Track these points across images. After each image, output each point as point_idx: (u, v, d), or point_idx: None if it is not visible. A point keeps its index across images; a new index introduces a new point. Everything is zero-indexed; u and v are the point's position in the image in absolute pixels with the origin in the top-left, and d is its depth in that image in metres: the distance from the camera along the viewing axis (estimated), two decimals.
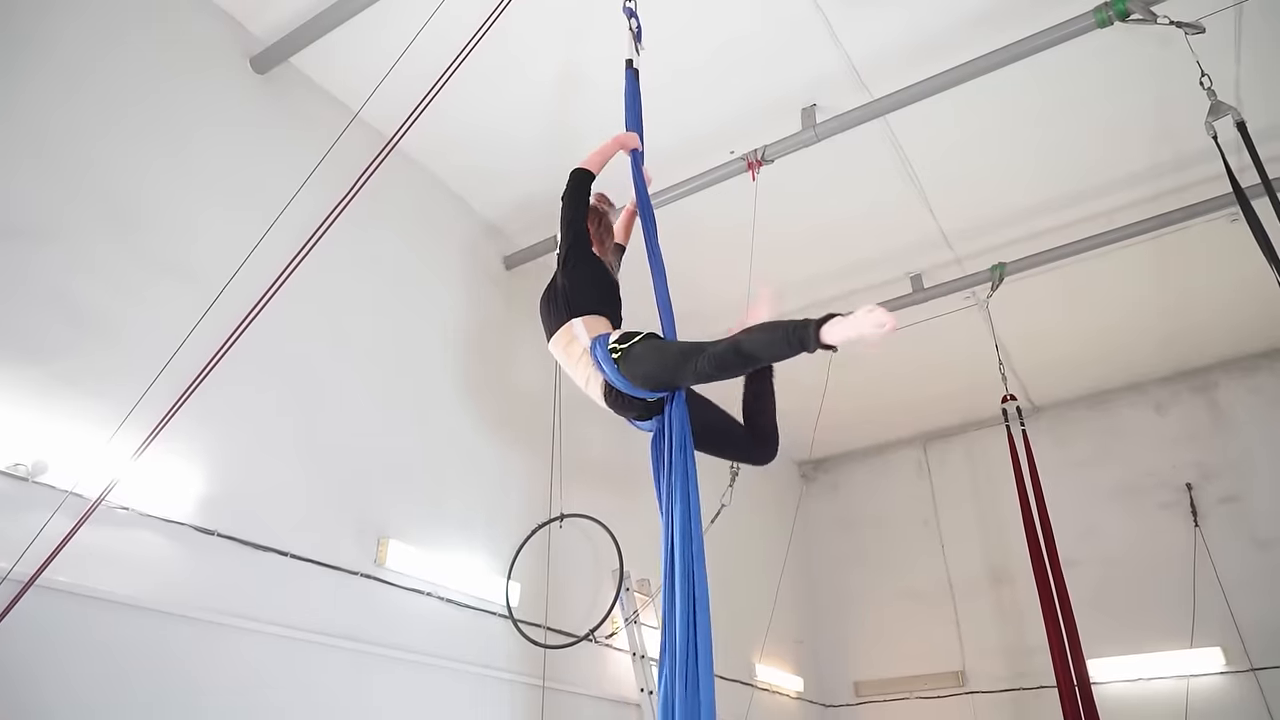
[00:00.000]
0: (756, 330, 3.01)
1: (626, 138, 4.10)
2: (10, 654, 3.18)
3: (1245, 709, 7.87)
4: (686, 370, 3.10)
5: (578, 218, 3.87)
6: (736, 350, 2.98)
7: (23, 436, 3.64)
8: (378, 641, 4.97)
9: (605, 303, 3.81)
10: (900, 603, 10.05)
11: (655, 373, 3.22)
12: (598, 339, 3.52)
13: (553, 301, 3.82)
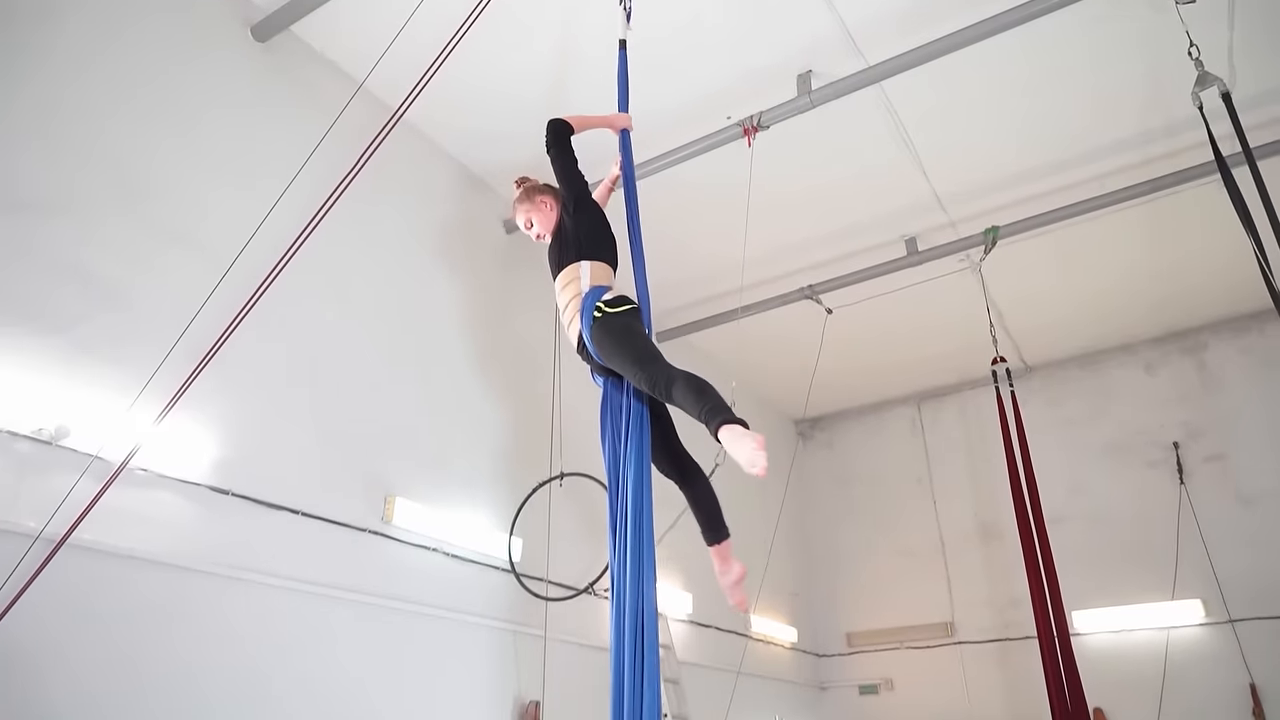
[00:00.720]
0: (693, 389, 3.00)
1: (620, 118, 4.15)
2: (44, 608, 3.38)
3: (1222, 659, 8.17)
4: (635, 369, 3.19)
5: (573, 166, 3.83)
6: (672, 388, 3.05)
7: (44, 402, 3.81)
8: (385, 594, 5.20)
9: (608, 248, 3.76)
10: (892, 557, 10.32)
11: (614, 353, 3.31)
12: (593, 289, 3.52)
13: (563, 244, 3.75)
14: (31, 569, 3.37)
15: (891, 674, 9.92)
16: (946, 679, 9.45)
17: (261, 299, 3.76)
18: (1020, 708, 8.62)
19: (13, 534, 3.54)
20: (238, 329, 3.73)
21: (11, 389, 3.71)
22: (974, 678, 9.29)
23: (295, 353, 5.07)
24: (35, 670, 3.52)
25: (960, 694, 9.30)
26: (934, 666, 9.62)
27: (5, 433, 3.65)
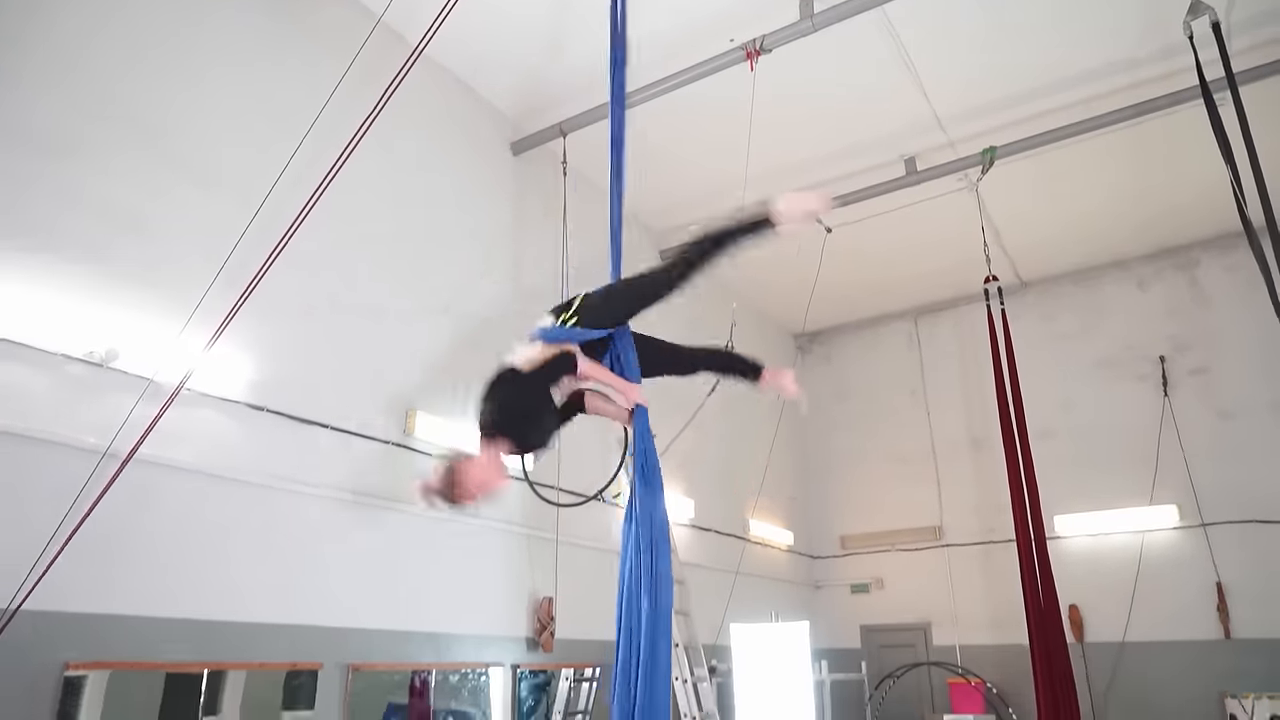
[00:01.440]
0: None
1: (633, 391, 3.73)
2: (113, 516, 3.75)
3: (1193, 559, 8.68)
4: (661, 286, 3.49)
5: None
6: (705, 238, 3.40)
7: (91, 328, 4.10)
8: (408, 501, 5.59)
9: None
10: (886, 465, 10.79)
11: (621, 307, 3.53)
12: (541, 331, 3.60)
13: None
14: (93, 481, 3.73)
15: (882, 574, 10.52)
16: (933, 578, 10.04)
17: (289, 229, 4.01)
18: (1000, 605, 9.19)
19: (73, 448, 3.89)
20: (269, 258, 4.00)
21: (61, 315, 4.00)
22: (959, 577, 9.88)
23: (321, 279, 5.34)
24: (104, 571, 3.93)
25: (945, 592, 9.91)
26: (921, 567, 10.20)
27: (60, 355, 3.96)
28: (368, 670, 5.19)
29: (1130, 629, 8.74)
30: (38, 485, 3.76)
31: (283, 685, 4.83)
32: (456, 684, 5.86)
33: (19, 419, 3.76)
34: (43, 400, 3.88)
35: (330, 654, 4.97)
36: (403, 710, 5.51)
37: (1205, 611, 8.50)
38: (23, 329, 3.84)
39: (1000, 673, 8.90)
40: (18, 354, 3.81)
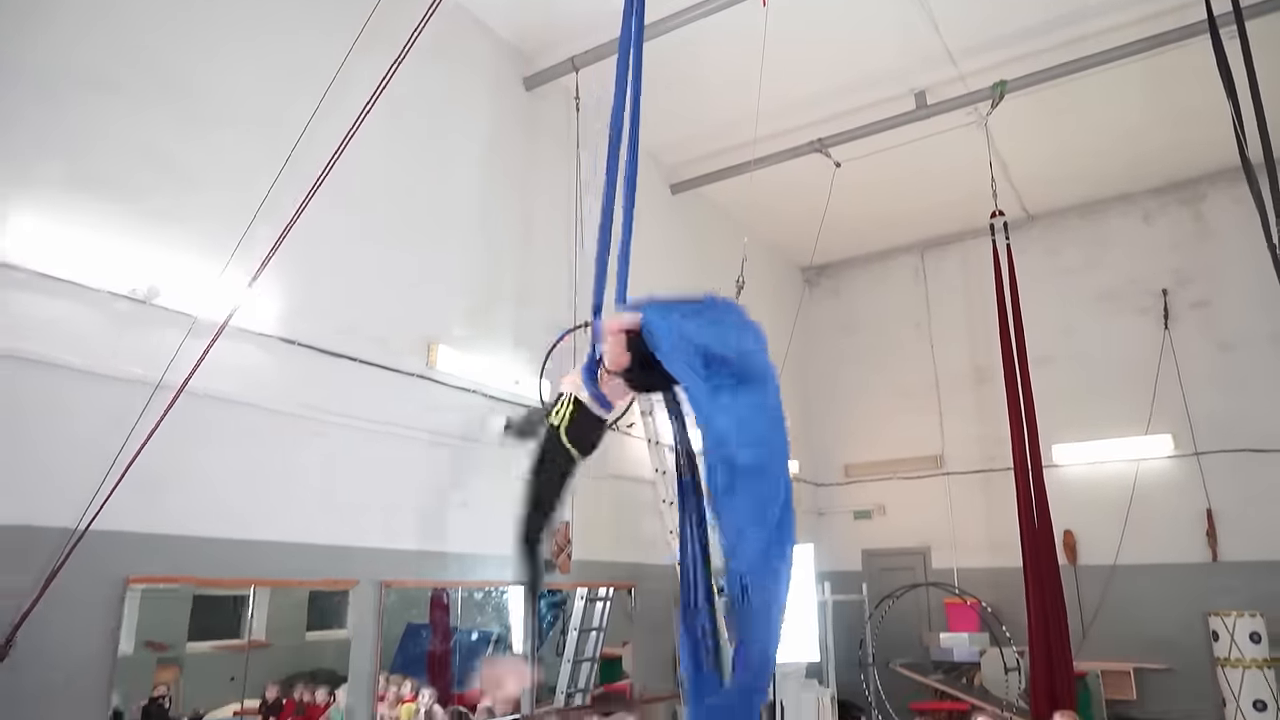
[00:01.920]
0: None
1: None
2: (163, 444, 4.00)
3: (1185, 487, 8.98)
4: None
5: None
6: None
7: (133, 266, 4.29)
8: (430, 429, 5.87)
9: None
10: (890, 397, 11.04)
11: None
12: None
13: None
14: (140, 410, 3.98)
15: (884, 501, 10.87)
16: (933, 505, 10.39)
17: (322, 172, 4.18)
18: (997, 530, 9.52)
19: (122, 381, 4.13)
20: (299, 200, 4.17)
21: (105, 254, 4.19)
22: (958, 504, 10.22)
23: (347, 220, 5.51)
24: (157, 495, 4.21)
25: (945, 519, 10.26)
26: (923, 495, 10.53)
27: (106, 293, 4.17)
28: (398, 586, 5.53)
29: (1122, 553, 9.09)
30: (93, 416, 4.01)
31: (307, 602, 5.18)
32: (481, 601, 6.22)
33: (75, 354, 4.00)
34: (93, 336, 4.11)
35: (364, 572, 5.30)
36: (420, 631, 5.86)
37: (1194, 536, 8.83)
38: (72, 268, 4.04)
39: (995, 593, 9.29)
40: (69, 292, 4.03)
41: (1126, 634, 8.94)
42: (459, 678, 6.10)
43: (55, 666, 3.76)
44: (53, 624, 3.71)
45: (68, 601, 3.77)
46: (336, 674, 5.16)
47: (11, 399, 3.79)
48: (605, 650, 7.35)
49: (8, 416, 3.76)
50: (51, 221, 4.02)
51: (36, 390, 3.87)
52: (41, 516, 3.78)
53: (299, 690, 5.02)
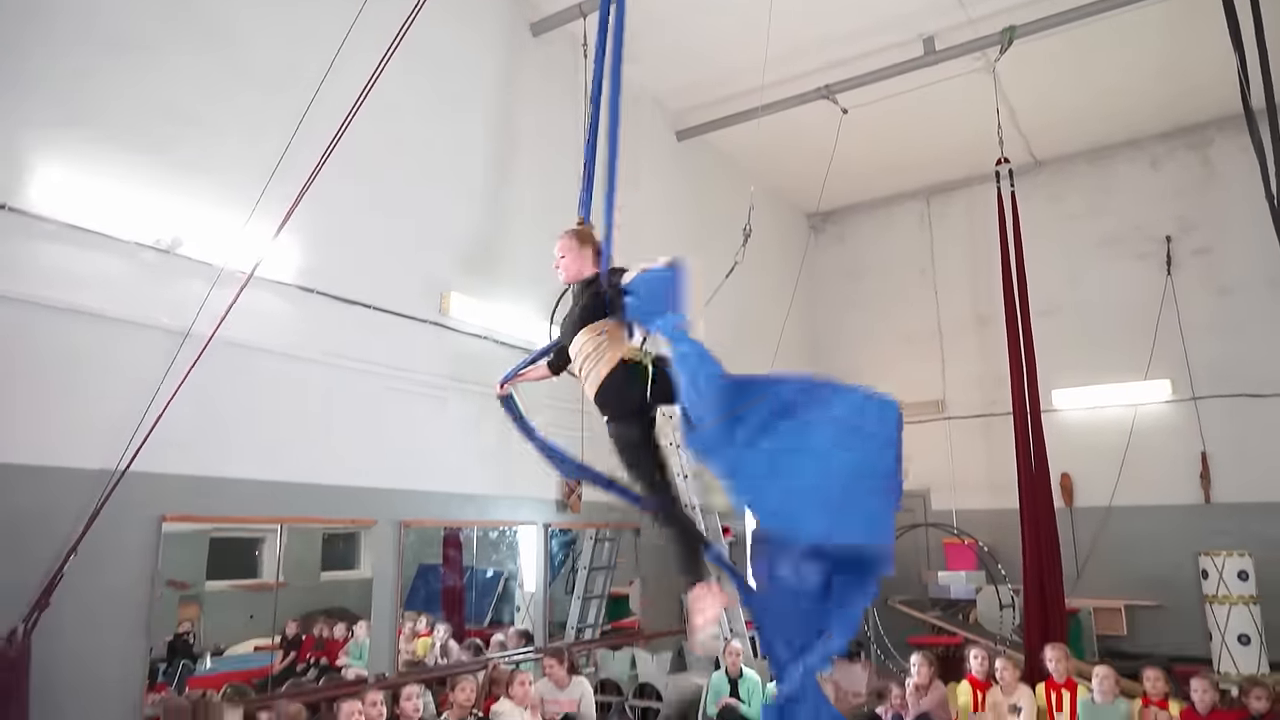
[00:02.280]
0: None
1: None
2: (192, 390, 4.17)
3: (1181, 430, 9.15)
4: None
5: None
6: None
7: (157, 217, 4.41)
8: (444, 375, 6.03)
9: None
10: (893, 343, 11.17)
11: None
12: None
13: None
14: (169, 357, 4.14)
15: None
16: (934, 449, 10.57)
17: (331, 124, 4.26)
18: (996, 472, 9.70)
19: (149, 328, 4.29)
20: (317, 151, 4.26)
21: (131, 206, 4.30)
22: (958, 448, 10.41)
23: (363, 171, 5.59)
24: (190, 438, 4.39)
25: (945, 462, 10.47)
26: (924, 438, 10.70)
27: (133, 243, 4.29)
28: (416, 525, 5.76)
29: (1117, 495, 9.31)
30: (123, 363, 4.17)
31: (321, 544, 5.40)
32: (495, 539, 6.46)
33: (105, 302, 4.14)
34: (120, 285, 4.25)
35: (382, 512, 5.51)
36: (432, 571, 6.09)
37: (1189, 478, 9.04)
38: (99, 219, 4.16)
39: (992, 534, 9.54)
40: (97, 242, 4.16)
41: (1119, 573, 9.20)
42: (473, 613, 6.37)
43: (100, 599, 3.99)
44: (96, 559, 3.93)
45: (109, 538, 3.98)
46: (350, 611, 5.40)
47: (43, 346, 3.94)
48: (613, 589, 7.63)
49: (42, 363, 3.92)
50: (79, 174, 4.13)
51: (66, 338, 4.01)
52: (80, 459, 3.96)
53: (318, 626, 5.27)
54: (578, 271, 3.23)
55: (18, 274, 3.88)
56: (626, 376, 2.94)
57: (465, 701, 5.25)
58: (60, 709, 3.78)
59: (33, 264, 3.94)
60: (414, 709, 4.96)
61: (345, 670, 5.27)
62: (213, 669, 4.62)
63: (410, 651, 5.76)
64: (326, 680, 5.13)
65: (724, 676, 6.68)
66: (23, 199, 3.91)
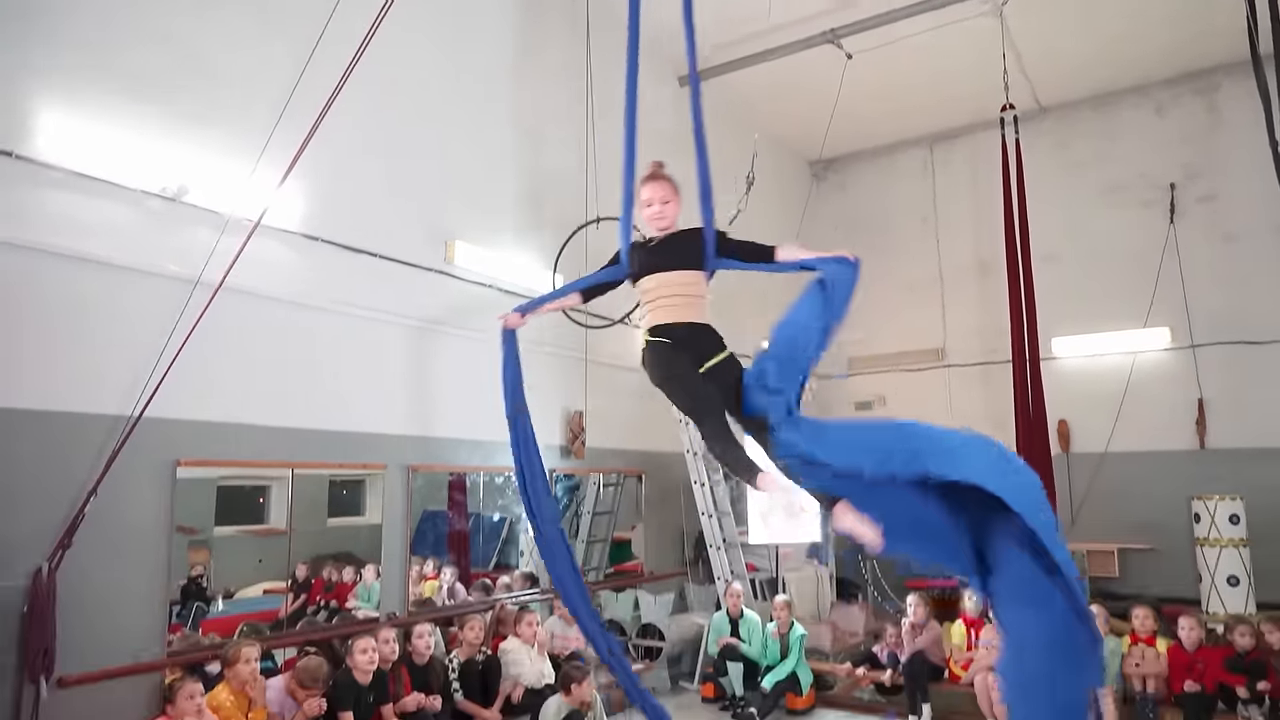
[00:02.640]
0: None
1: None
2: (201, 337, 4.23)
3: (1179, 378, 9.23)
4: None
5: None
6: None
7: (163, 165, 4.41)
8: (448, 323, 6.08)
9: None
10: (894, 291, 11.17)
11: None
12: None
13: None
14: (178, 305, 4.20)
15: (885, 392, 11.17)
16: (933, 397, 10.69)
17: (336, 72, 4.25)
18: (994, 420, 9.78)
19: (157, 276, 4.33)
20: (322, 100, 4.25)
21: (137, 154, 4.31)
22: (958, 395, 10.52)
23: (369, 119, 5.58)
24: (201, 385, 4.46)
25: (944, 409, 10.57)
26: (923, 386, 10.82)
27: (139, 191, 4.31)
28: (424, 470, 5.86)
29: (1113, 441, 9.43)
30: (133, 311, 4.23)
31: (327, 491, 5.50)
32: (500, 485, 6.58)
33: (112, 250, 4.17)
34: (128, 233, 4.27)
35: (391, 457, 5.61)
36: (436, 516, 6.21)
37: (1184, 425, 9.14)
38: (107, 166, 4.17)
39: None
40: (104, 190, 4.17)
41: (1113, 517, 9.36)
42: (479, 557, 6.52)
43: (120, 538, 4.11)
44: (115, 501, 4.03)
45: (127, 481, 4.09)
46: (357, 556, 5.52)
47: (51, 294, 3.98)
48: (616, 534, 7.79)
49: (50, 310, 3.96)
50: (85, 121, 4.13)
51: (74, 286, 4.05)
52: (95, 404, 4.04)
53: (327, 570, 5.40)
54: (674, 221, 3.26)
55: (25, 221, 3.90)
56: (712, 335, 3.08)
57: (474, 639, 5.42)
58: (89, 641, 3.91)
59: (40, 211, 3.96)
60: (425, 646, 5.14)
61: (355, 612, 5.42)
62: (225, 611, 4.75)
63: (418, 593, 5.91)
64: (338, 622, 5.28)
65: (725, 617, 6.87)
66: (29, 146, 3.92)
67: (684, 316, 3.08)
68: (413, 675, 4.99)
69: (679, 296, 3.12)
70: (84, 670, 3.88)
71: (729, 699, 6.54)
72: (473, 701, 5.24)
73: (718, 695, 6.63)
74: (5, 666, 3.62)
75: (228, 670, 4.14)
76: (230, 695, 4.09)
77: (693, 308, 3.10)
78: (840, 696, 6.86)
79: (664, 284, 3.14)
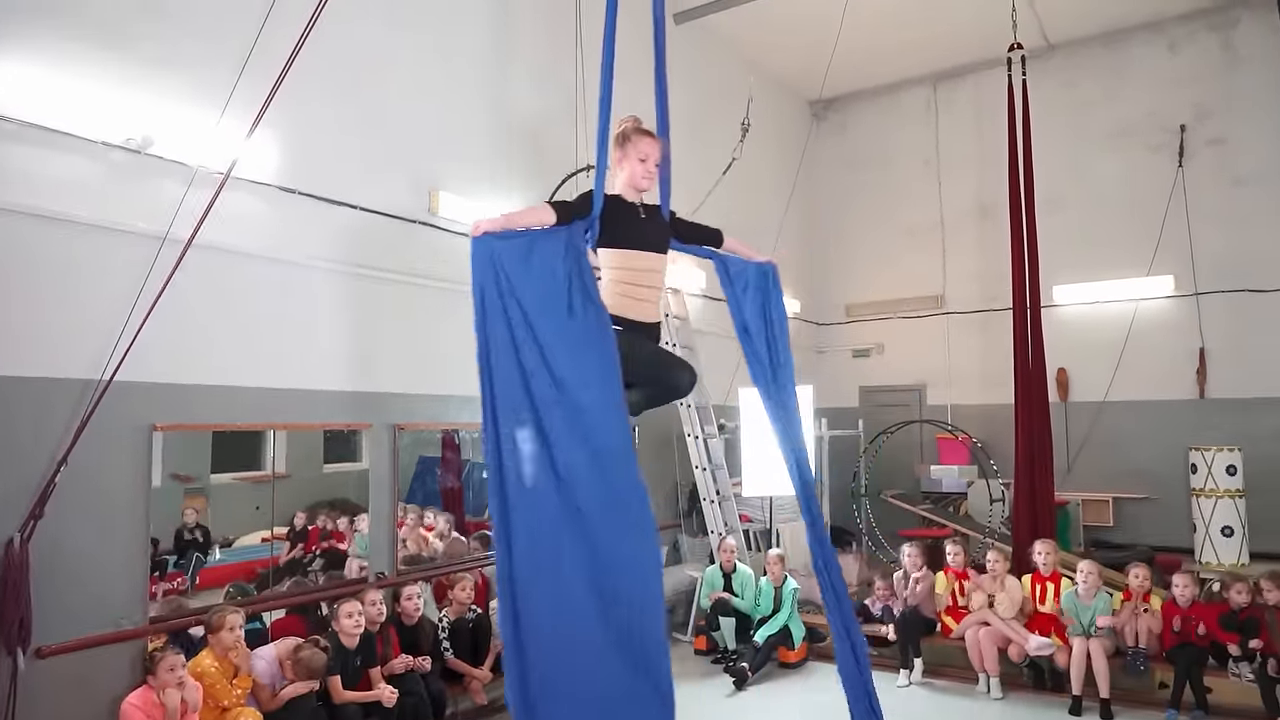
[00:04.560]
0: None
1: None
2: (173, 296, 4.07)
3: (1181, 327, 9.10)
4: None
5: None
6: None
7: (125, 115, 4.19)
8: (432, 276, 5.90)
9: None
10: (894, 236, 10.97)
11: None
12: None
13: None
14: (153, 265, 4.03)
15: (883, 339, 11.05)
16: (931, 344, 10.57)
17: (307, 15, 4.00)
18: (992, 368, 9.71)
19: (124, 233, 4.14)
20: (287, 44, 4.01)
21: (96, 103, 4.08)
22: (955, 343, 10.40)
23: (345, 65, 5.32)
24: (177, 346, 4.31)
25: (943, 357, 10.48)
26: (922, 333, 10.69)
27: (100, 144, 4.09)
28: (411, 429, 5.76)
29: (1112, 390, 9.34)
30: (101, 270, 4.06)
31: (323, 437, 5.39)
32: None
33: (75, 206, 3.98)
34: (90, 187, 4.07)
35: (377, 415, 5.50)
36: (435, 463, 6.15)
37: (1185, 374, 9.04)
38: (65, 118, 3.95)
39: (986, 429, 9.62)
40: (63, 143, 3.96)
41: (1110, 467, 9.34)
42: (471, 508, 6.46)
43: (94, 507, 4.01)
44: (89, 466, 3.92)
45: (100, 447, 3.97)
46: (352, 503, 5.46)
47: (15, 253, 3.80)
48: None
49: (10, 271, 3.78)
50: (38, 68, 3.89)
51: (38, 244, 3.87)
52: (62, 369, 3.90)
53: (322, 518, 5.34)
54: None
55: None
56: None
57: (465, 599, 5.39)
58: (67, 610, 3.85)
59: None
60: (414, 608, 5.11)
61: (350, 560, 5.37)
62: (222, 559, 4.71)
63: (418, 543, 5.86)
64: (332, 574, 5.23)
65: (718, 571, 6.86)
66: None
67: (658, 315, 3.19)
68: (401, 636, 4.97)
69: (654, 288, 3.11)
70: (63, 640, 3.82)
71: (721, 652, 6.56)
72: (463, 661, 5.23)
73: (710, 648, 6.65)
74: None
75: (211, 637, 4.09)
76: (215, 662, 4.04)
77: (660, 304, 3.22)
78: (832, 649, 6.86)
79: (659, 271, 3.12)
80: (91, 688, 3.91)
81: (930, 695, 5.95)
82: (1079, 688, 5.44)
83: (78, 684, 3.87)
